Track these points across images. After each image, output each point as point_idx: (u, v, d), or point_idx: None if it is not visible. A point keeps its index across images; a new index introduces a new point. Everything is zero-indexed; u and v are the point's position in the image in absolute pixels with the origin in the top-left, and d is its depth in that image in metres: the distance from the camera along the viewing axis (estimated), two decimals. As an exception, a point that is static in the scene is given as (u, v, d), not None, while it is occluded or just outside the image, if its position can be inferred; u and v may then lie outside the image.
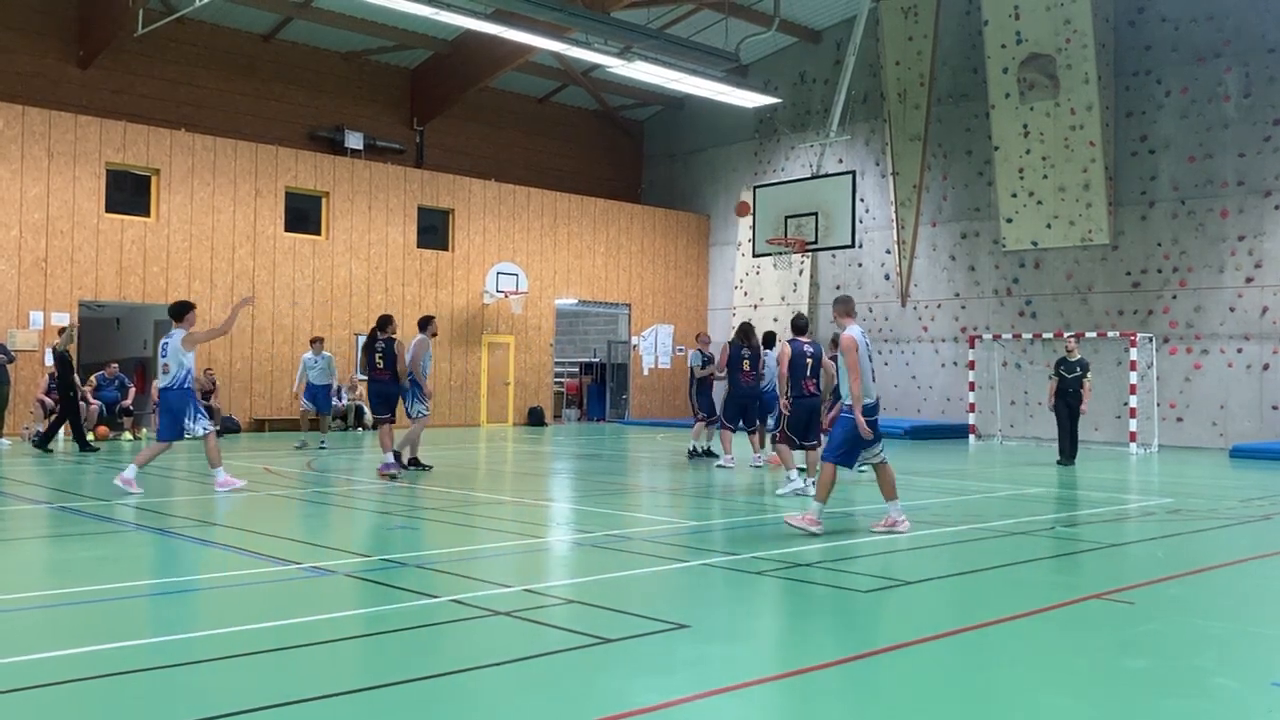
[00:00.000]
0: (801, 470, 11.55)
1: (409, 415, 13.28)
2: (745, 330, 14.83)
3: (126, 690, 4.38)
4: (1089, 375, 16.17)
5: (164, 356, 10.82)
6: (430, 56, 25.71)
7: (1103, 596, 6.41)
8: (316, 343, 17.69)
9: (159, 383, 11.05)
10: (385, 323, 13.00)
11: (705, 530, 9.13)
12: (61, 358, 16.08)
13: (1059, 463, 16.01)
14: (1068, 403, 16.08)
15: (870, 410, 8.68)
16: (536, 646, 5.06)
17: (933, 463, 16.65)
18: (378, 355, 12.79)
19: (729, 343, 14.79)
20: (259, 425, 21.62)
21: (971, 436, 22.61)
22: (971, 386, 22.99)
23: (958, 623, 5.69)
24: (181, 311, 11.04)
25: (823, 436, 10.78)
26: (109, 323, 23.07)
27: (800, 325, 11.39)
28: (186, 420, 10.77)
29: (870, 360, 8.77)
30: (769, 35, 22.55)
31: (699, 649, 5.10)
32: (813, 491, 10.36)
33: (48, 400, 18.26)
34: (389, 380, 12.83)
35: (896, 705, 4.41)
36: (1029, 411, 22.64)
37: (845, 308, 9.03)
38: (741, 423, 14.79)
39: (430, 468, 13.50)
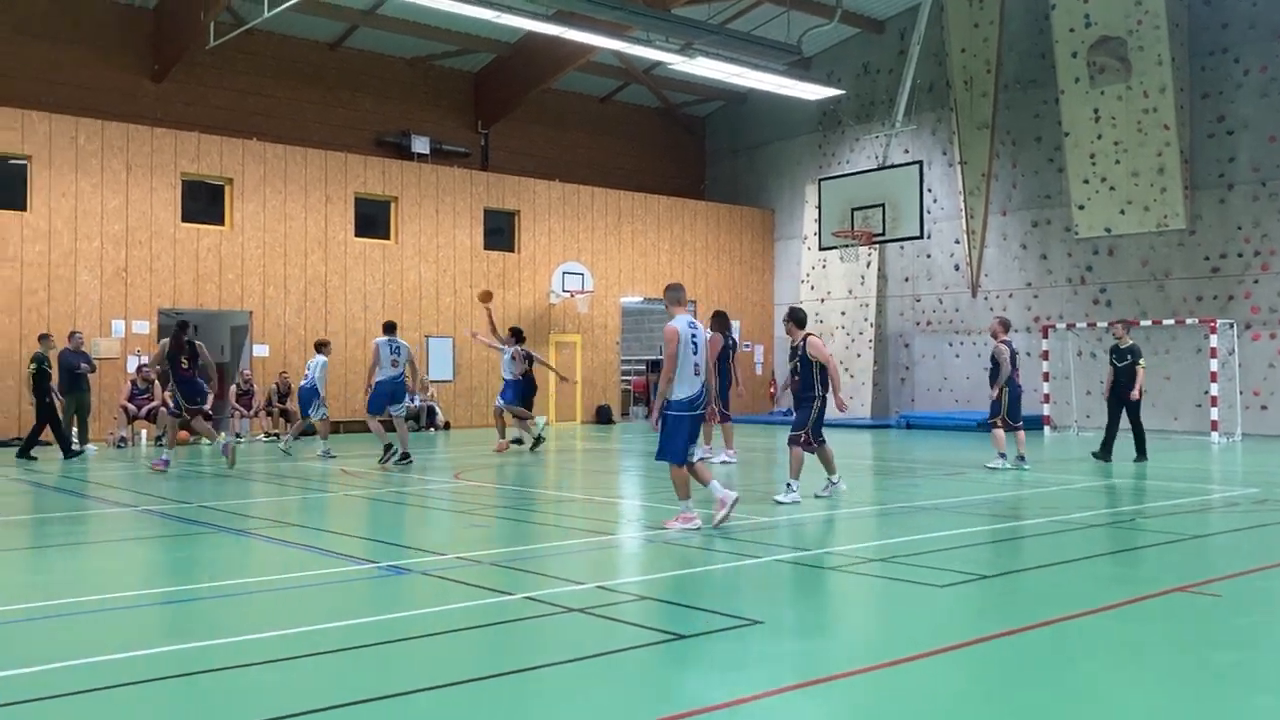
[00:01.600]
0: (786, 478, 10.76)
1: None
2: (726, 320, 15.26)
3: (209, 689, 4.49)
4: (1141, 362, 14.74)
5: None
6: (493, 60, 25.93)
7: (1188, 589, 6.25)
8: (325, 346, 16.97)
9: None
10: (186, 327, 14.46)
11: (774, 526, 9.08)
12: (41, 365, 15.84)
13: (1094, 454, 14.74)
14: (1118, 395, 14.74)
15: (692, 404, 8.44)
16: (610, 643, 5.08)
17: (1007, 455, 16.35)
18: (183, 358, 14.03)
19: (720, 333, 14.84)
20: (334, 427, 21.96)
21: (1046, 428, 22.21)
22: (1046, 377, 22.57)
23: (1037, 617, 5.59)
24: None
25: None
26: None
27: (803, 318, 10.77)
28: None
29: (696, 353, 8.49)
30: (831, 27, 22.39)
31: (773, 645, 5.08)
32: (842, 486, 10.49)
33: (130, 406, 18.77)
34: (195, 378, 14.20)
35: (975, 701, 4.34)
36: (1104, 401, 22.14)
37: (675, 296, 8.77)
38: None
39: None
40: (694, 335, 8.52)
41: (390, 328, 15.06)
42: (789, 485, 10.17)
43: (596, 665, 4.74)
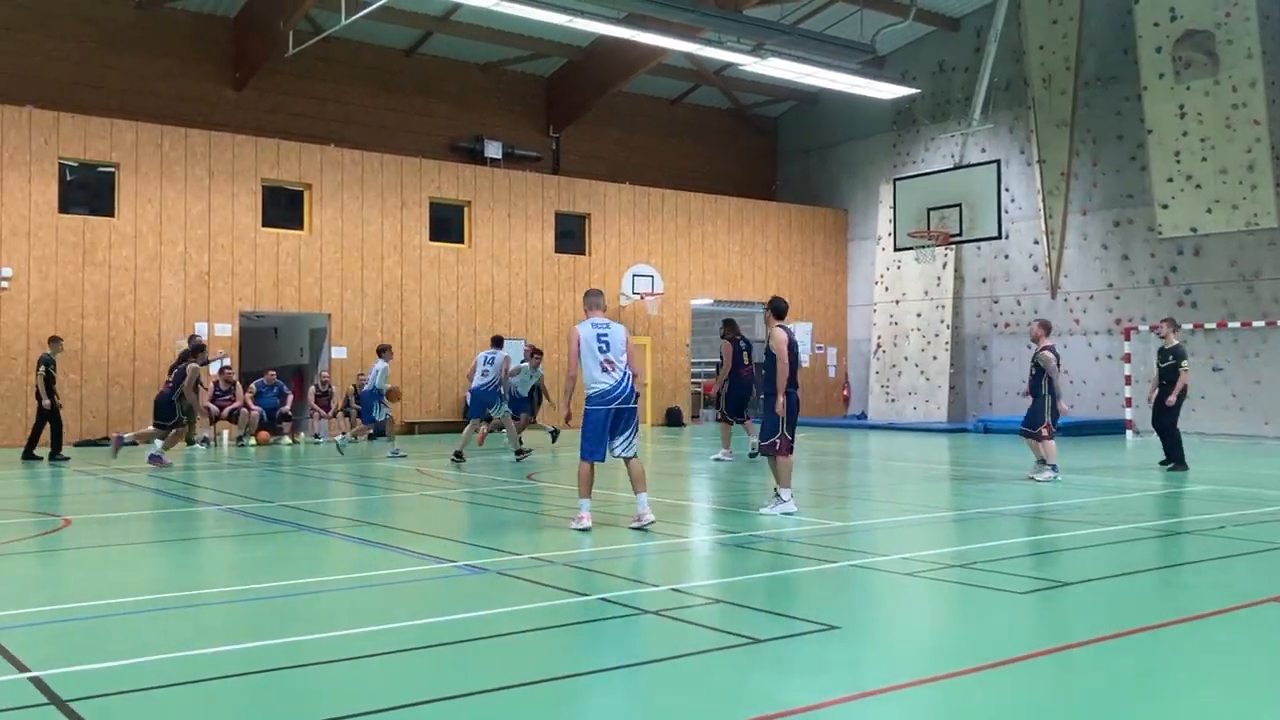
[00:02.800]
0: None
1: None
2: (734, 325, 15.96)
3: (282, 686, 4.57)
4: (1184, 364, 14.02)
5: None
6: (564, 64, 26.08)
7: (1282, 600, 6.05)
8: (385, 351, 17.17)
9: None
10: (201, 349, 15.89)
11: (849, 530, 8.99)
12: (49, 368, 15.82)
13: (1162, 464, 14.16)
14: (1161, 398, 14.19)
15: (604, 398, 8.68)
16: (685, 646, 5.06)
17: (1088, 459, 16.04)
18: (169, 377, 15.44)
19: (730, 339, 15.63)
20: (409, 428, 22.27)
21: (1129, 432, 21.67)
22: (1128, 380, 22.03)
23: (1122, 625, 5.44)
24: None
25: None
26: (267, 332, 24.14)
27: (782, 309, 9.93)
28: None
29: (606, 351, 8.70)
30: (906, 25, 22.13)
31: (851, 650, 5.02)
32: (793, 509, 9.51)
33: (213, 407, 19.20)
34: (169, 397, 15.16)
35: (1059, 711, 4.24)
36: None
37: (590, 301, 9.14)
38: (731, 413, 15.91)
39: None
40: (600, 335, 8.82)
41: (496, 342, 16.05)
42: (778, 494, 9.55)
43: (673, 668, 4.73)
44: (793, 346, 9.71)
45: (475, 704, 4.21)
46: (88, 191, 20.30)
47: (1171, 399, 14.00)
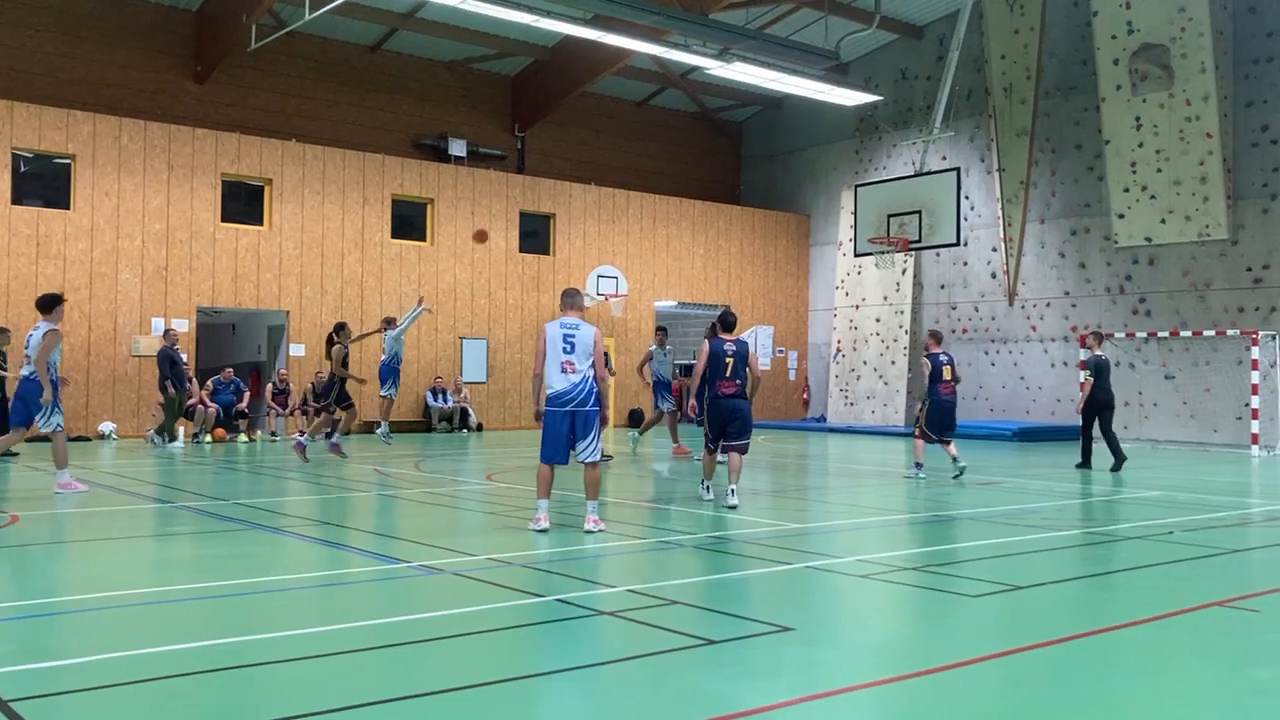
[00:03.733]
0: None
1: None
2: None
3: (229, 685, 4.53)
4: (1085, 372, 15.67)
5: (27, 348, 10.68)
6: (530, 63, 26.03)
7: (1225, 604, 6.16)
8: (390, 323, 17.01)
9: (23, 370, 10.70)
10: (342, 327, 15.40)
11: (805, 533, 9.05)
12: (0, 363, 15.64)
13: (1112, 469, 15.10)
14: (1088, 404, 15.61)
15: (560, 399, 8.67)
16: (641, 647, 5.08)
17: (1043, 465, 16.25)
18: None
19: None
20: (368, 426, 22.11)
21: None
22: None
23: (1071, 629, 5.53)
24: (50, 304, 10.80)
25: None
26: (225, 328, 23.89)
27: (728, 322, 10.77)
28: (36, 415, 10.56)
29: (571, 352, 8.68)
30: (870, 32, 22.30)
31: (804, 652, 5.06)
32: (735, 501, 10.16)
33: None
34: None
35: (1010, 713, 4.30)
36: (1144, 413, 21.91)
37: (566, 301, 9.13)
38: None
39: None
40: (567, 335, 8.76)
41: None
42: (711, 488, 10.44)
43: (627, 669, 4.74)
44: (715, 356, 10.36)
45: (429, 705, 4.20)
46: (43, 183, 20.00)
47: (1079, 404, 15.38)
